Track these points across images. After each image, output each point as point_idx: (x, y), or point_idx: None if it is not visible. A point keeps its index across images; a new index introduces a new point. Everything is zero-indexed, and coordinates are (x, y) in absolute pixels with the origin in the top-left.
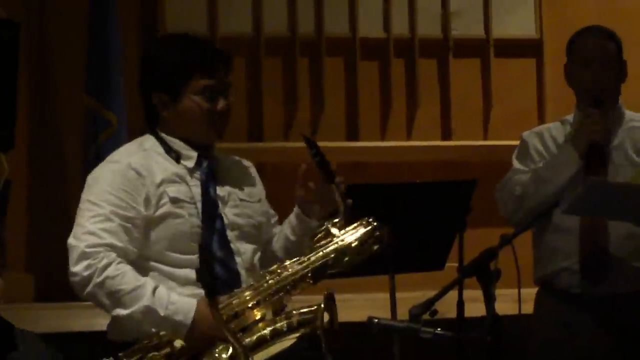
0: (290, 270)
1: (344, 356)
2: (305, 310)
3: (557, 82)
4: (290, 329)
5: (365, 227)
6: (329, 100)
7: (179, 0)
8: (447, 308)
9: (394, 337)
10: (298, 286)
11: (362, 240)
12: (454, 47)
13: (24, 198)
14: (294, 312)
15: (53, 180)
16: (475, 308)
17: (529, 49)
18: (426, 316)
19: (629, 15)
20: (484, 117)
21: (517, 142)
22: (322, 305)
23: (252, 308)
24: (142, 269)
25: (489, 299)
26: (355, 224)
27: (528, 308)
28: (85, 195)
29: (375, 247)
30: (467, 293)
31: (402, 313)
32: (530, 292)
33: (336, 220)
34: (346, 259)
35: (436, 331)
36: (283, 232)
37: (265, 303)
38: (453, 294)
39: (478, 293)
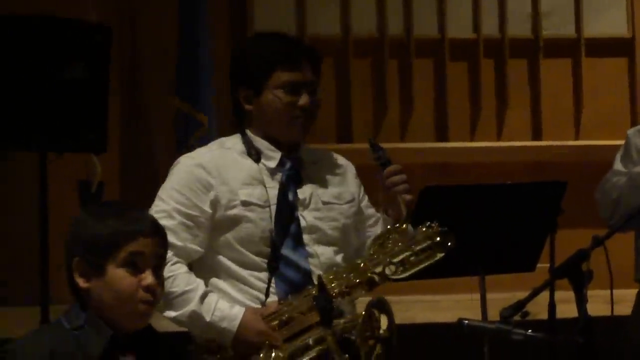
0: (346, 274)
1: (434, 356)
2: (347, 318)
3: None
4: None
5: (428, 234)
6: (418, 102)
7: (268, 2)
8: (538, 309)
9: (485, 338)
10: (354, 292)
11: (424, 247)
12: (544, 47)
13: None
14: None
15: (145, 182)
16: (566, 309)
17: (621, 48)
18: (517, 318)
19: None
20: (574, 117)
21: (608, 142)
22: (364, 313)
23: (304, 314)
24: (212, 268)
25: (581, 301)
26: (420, 229)
27: (621, 310)
28: (160, 189)
29: (438, 255)
30: (558, 294)
31: (493, 315)
32: (623, 294)
33: (397, 225)
34: (407, 266)
35: (527, 333)
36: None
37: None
38: (544, 296)
39: (570, 294)
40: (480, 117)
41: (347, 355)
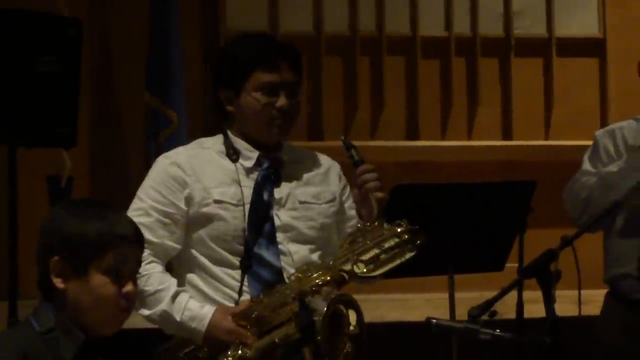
0: (316, 273)
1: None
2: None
3: (621, 83)
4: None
5: (398, 232)
6: (390, 99)
7: None
8: (506, 309)
9: (453, 338)
10: (321, 290)
11: (394, 245)
12: (515, 47)
13: (85, 195)
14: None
15: (114, 177)
16: (534, 309)
17: (592, 48)
18: (485, 317)
19: None
20: (545, 117)
21: (578, 143)
22: (326, 309)
23: (274, 311)
24: (189, 264)
25: (549, 301)
26: (390, 227)
27: (589, 310)
28: (139, 188)
29: (408, 254)
30: (526, 294)
31: (461, 314)
32: (591, 294)
33: (368, 223)
34: (377, 264)
35: (495, 332)
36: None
37: (289, 305)
38: (512, 295)
39: (538, 294)
40: (451, 116)
41: None
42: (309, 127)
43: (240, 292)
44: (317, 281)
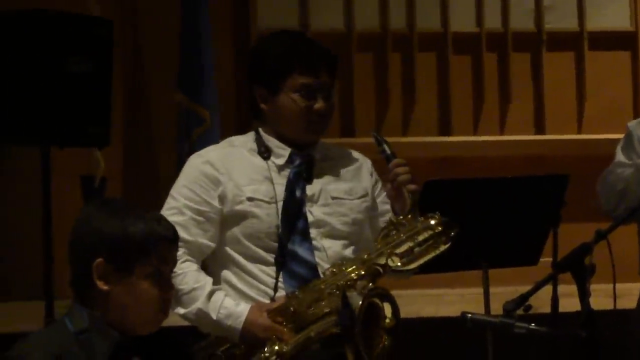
0: (351, 267)
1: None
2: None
3: None
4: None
5: (432, 225)
6: (421, 96)
7: None
8: (541, 303)
9: (488, 332)
10: (356, 285)
11: (427, 238)
12: (547, 41)
13: (118, 195)
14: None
15: (147, 176)
16: (569, 303)
17: (624, 41)
18: (520, 311)
19: None
20: (577, 110)
21: (611, 136)
22: (362, 302)
23: (310, 306)
24: (223, 261)
25: (584, 294)
26: (423, 220)
27: (624, 303)
28: (172, 187)
29: (442, 246)
30: (561, 288)
31: (496, 308)
32: (626, 287)
33: (402, 217)
34: (412, 258)
35: (530, 326)
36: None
37: (325, 300)
38: (547, 289)
39: (572, 288)
40: (483, 111)
41: None
42: (342, 124)
43: (275, 289)
44: (352, 275)
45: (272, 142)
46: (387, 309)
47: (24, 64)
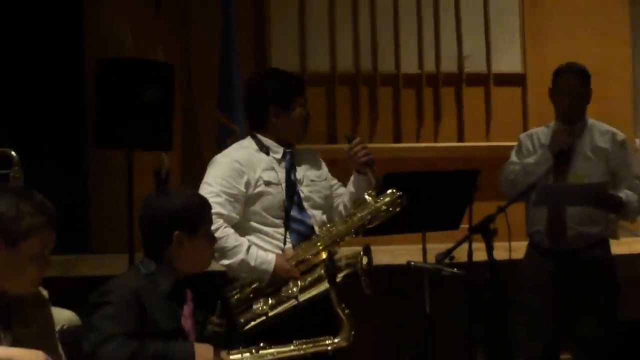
0: (339, 227)
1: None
2: (349, 255)
3: (536, 105)
4: (339, 269)
5: (391, 197)
6: (382, 114)
7: (281, 44)
8: (461, 255)
9: (425, 275)
10: (344, 239)
11: (388, 205)
12: (466, 79)
13: (177, 184)
14: (342, 257)
15: (196, 176)
16: (480, 255)
17: (517, 80)
18: (447, 260)
19: (584, 52)
20: (486, 127)
21: (509, 143)
22: (361, 252)
23: (312, 255)
24: (245, 228)
25: (489, 249)
26: (384, 194)
27: (517, 255)
28: (204, 178)
29: (398, 209)
30: (474, 245)
31: (431, 258)
32: (518, 245)
33: (370, 191)
34: (378, 217)
35: (454, 271)
36: (347, 190)
37: (322, 251)
38: (465, 245)
39: (482, 245)
40: (423, 125)
41: (343, 305)
42: (327, 134)
43: (284, 243)
44: (341, 232)
45: (269, 142)
46: (365, 259)
47: (118, 94)
